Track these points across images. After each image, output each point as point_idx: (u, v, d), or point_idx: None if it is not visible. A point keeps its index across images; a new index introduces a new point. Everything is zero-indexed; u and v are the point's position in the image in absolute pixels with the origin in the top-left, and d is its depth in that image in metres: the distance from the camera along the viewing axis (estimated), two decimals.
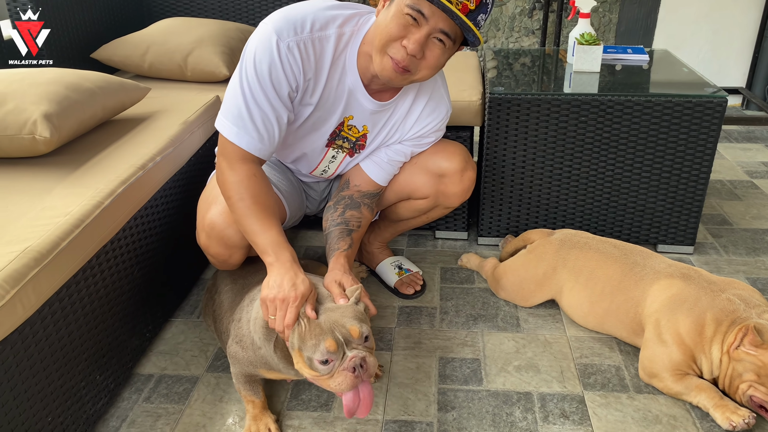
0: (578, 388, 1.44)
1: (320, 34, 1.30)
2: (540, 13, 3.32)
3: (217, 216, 1.39)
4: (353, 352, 1.13)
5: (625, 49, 2.27)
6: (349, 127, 1.46)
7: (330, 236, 1.52)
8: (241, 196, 1.28)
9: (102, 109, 1.62)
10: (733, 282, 1.44)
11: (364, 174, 1.58)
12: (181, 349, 1.59)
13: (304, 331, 1.14)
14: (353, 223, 1.55)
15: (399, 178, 1.63)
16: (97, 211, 1.27)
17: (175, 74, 2.17)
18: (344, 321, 1.15)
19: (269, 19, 1.28)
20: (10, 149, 1.43)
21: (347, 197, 1.58)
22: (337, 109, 1.41)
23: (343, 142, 1.50)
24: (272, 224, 1.28)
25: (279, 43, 1.25)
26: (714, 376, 1.36)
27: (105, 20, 2.40)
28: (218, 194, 1.40)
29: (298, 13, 1.29)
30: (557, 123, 1.82)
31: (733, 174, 2.57)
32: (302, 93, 1.33)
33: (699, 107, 1.75)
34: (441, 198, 1.65)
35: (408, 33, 1.23)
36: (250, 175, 1.30)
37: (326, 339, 1.12)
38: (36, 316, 1.09)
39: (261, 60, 1.26)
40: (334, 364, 1.13)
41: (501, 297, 1.76)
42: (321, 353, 1.12)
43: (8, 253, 1.07)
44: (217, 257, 1.45)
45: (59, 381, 1.17)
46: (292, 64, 1.27)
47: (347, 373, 1.12)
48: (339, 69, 1.35)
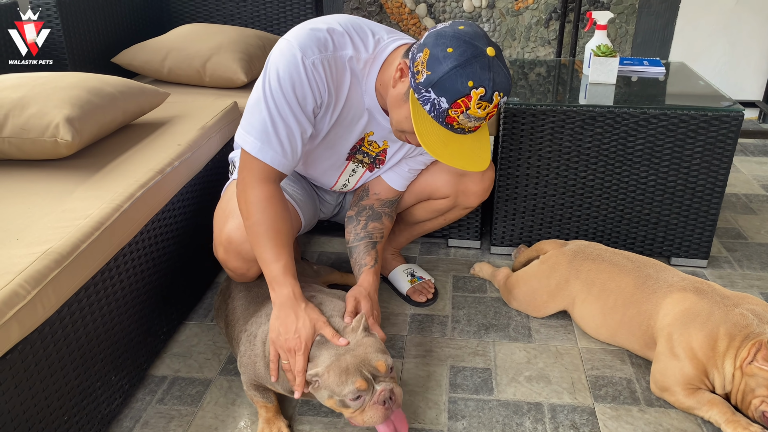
0: (589, 400, 1.44)
1: (342, 53, 1.30)
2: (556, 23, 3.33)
3: (234, 230, 1.40)
4: (381, 386, 1.17)
5: (641, 61, 2.27)
6: (370, 142, 1.48)
7: (356, 250, 1.55)
8: (258, 219, 1.29)
9: (122, 114, 1.65)
10: (747, 297, 1.43)
11: (383, 182, 1.60)
12: (195, 352, 1.61)
13: (330, 380, 1.17)
14: (376, 235, 1.58)
15: (419, 179, 1.65)
16: (117, 214, 1.29)
17: (194, 80, 2.20)
18: (370, 358, 1.18)
19: (292, 36, 1.29)
20: (32, 152, 1.46)
21: (368, 207, 1.60)
22: (357, 126, 1.43)
23: (364, 157, 1.52)
24: (282, 253, 1.30)
25: (304, 60, 1.26)
26: (726, 391, 1.36)
27: (126, 26, 2.44)
28: (235, 207, 1.42)
29: (320, 30, 1.29)
30: (572, 134, 1.82)
31: (749, 188, 2.56)
32: (325, 108, 1.35)
33: (715, 121, 1.75)
34: (461, 198, 1.66)
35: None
36: (270, 196, 1.31)
37: (356, 380, 1.15)
38: (55, 317, 1.11)
39: (286, 76, 1.26)
40: (365, 398, 1.16)
41: (513, 307, 1.77)
42: (352, 393, 1.15)
43: (30, 254, 1.09)
44: (236, 271, 1.46)
45: (76, 381, 1.19)
46: (318, 80, 1.28)
47: (378, 407, 1.17)
48: (357, 91, 1.36)
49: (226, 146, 1.88)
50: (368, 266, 1.50)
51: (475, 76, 1.14)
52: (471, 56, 1.14)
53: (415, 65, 1.20)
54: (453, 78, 1.15)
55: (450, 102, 1.17)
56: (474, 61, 1.14)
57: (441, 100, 1.17)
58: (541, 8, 3.31)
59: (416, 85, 1.20)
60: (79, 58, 2.17)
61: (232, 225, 1.41)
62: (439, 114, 1.19)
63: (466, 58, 1.14)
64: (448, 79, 1.15)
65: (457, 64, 1.14)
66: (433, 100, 1.18)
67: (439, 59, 1.15)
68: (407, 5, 3.39)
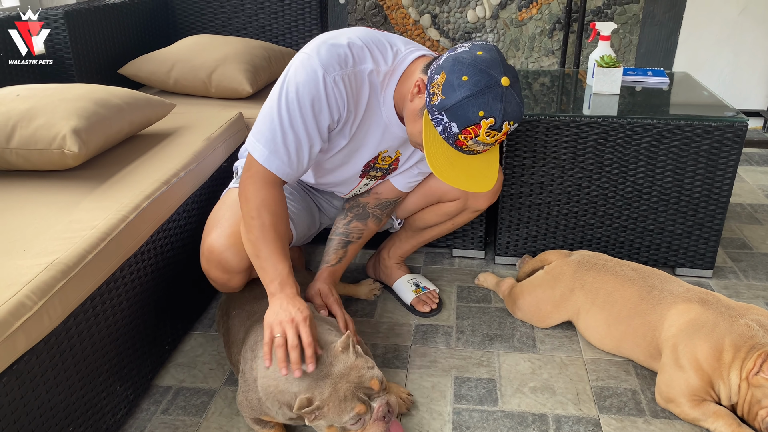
0: (594, 411, 1.43)
1: (361, 68, 1.32)
2: (560, 33, 3.34)
3: (215, 240, 1.41)
4: (377, 402, 1.18)
5: (645, 72, 2.28)
6: (383, 158, 1.50)
7: (329, 243, 1.63)
8: (261, 220, 1.30)
9: (128, 125, 1.66)
10: (752, 307, 1.43)
11: (390, 184, 1.62)
12: (199, 362, 1.61)
13: (331, 412, 1.16)
14: (353, 235, 1.62)
15: (429, 182, 1.66)
16: (122, 225, 1.30)
17: (200, 90, 2.22)
18: (363, 380, 1.18)
19: (312, 50, 1.29)
20: (39, 162, 1.47)
21: (361, 205, 1.63)
22: (372, 142, 1.44)
23: (377, 172, 1.55)
24: (284, 256, 1.31)
25: (326, 77, 1.27)
26: (732, 403, 1.35)
27: (132, 37, 2.46)
28: (220, 218, 1.43)
29: (340, 45, 1.30)
30: (576, 144, 1.82)
31: (754, 197, 2.55)
32: (343, 124, 1.36)
33: (719, 131, 1.75)
34: (471, 200, 1.68)
35: None
36: (276, 199, 1.33)
37: (355, 406, 1.16)
38: (61, 327, 1.12)
39: (305, 91, 1.27)
40: (365, 418, 1.17)
41: (517, 317, 1.76)
42: (353, 418, 1.16)
43: (37, 264, 1.10)
44: (217, 281, 1.47)
45: (81, 391, 1.20)
46: (338, 97, 1.29)
47: (378, 423, 1.18)
48: (375, 104, 1.37)
49: (231, 157, 1.89)
50: (328, 264, 1.59)
51: (486, 107, 1.18)
52: (484, 86, 1.18)
53: (432, 86, 1.23)
54: (465, 107, 1.19)
55: (460, 128, 1.21)
56: (487, 91, 1.18)
57: (452, 124, 1.22)
58: (545, 18, 3.32)
59: (431, 106, 1.24)
60: (86, 69, 2.19)
61: (214, 235, 1.42)
62: (449, 136, 1.24)
63: (480, 89, 1.18)
64: (461, 107, 1.19)
65: (470, 93, 1.18)
66: (445, 123, 1.23)
67: (453, 86, 1.20)
68: (412, 16, 3.40)
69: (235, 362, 1.39)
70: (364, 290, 1.88)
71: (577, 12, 3.25)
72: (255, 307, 1.43)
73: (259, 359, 1.26)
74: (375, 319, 1.78)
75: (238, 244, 1.40)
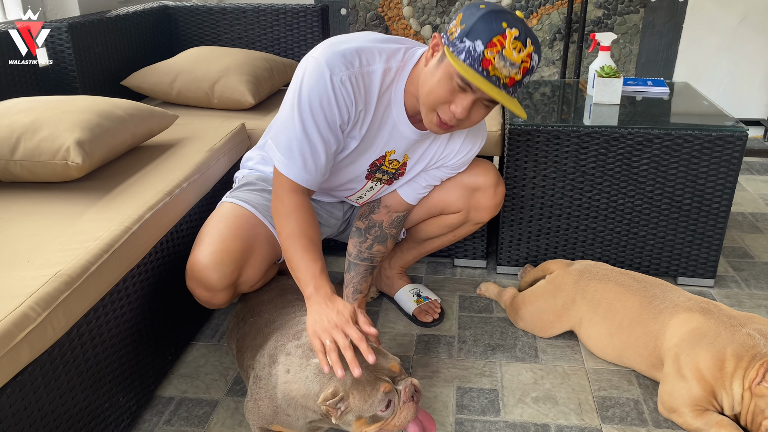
0: (596, 421, 1.43)
1: (368, 69, 1.33)
2: (560, 43, 3.36)
3: (198, 257, 1.41)
4: (403, 383, 1.17)
5: (645, 81, 2.29)
6: (390, 161, 1.50)
7: (354, 269, 1.62)
8: (290, 232, 1.33)
9: (132, 136, 1.67)
10: (754, 317, 1.43)
11: (398, 196, 1.62)
12: (202, 373, 1.61)
13: (356, 400, 1.15)
14: (377, 259, 1.64)
15: (432, 194, 1.66)
16: (126, 236, 1.30)
17: (202, 102, 2.23)
18: (382, 365, 1.18)
19: (319, 53, 1.31)
20: (43, 174, 1.48)
21: (377, 225, 1.63)
22: (380, 142, 1.44)
23: (383, 175, 1.54)
24: (316, 258, 1.32)
25: (333, 78, 1.28)
26: (735, 412, 1.35)
27: (135, 49, 2.48)
28: (206, 235, 1.44)
29: (346, 47, 1.31)
30: (577, 154, 1.83)
31: (755, 206, 2.55)
32: (352, 125, 1.37)
33: (719, 140, 1.76)
34: (473, 213, 1.68)
35: (455, 98, 1.25)
36: (298, 206, 1.35)
37: (381, 385, 1.15)
38: (65, 338, 1.12)
39: (313, 94, 1.28)
40: (394, 403, 1.16)
41: (519, 327, 1.76)
42: (382, 401, 1.15)
43: (41, 276, 1.11)
44: (201, 298, 1.47)
45: (84, 402, 1.20)
46: (345, 97, 1.30)
47: (409, 404, 1.17)
48: (385, 103, 1.38)
49: (233, 167, 1.90)
50: (362, 294, 1.61)
51: (508, 20, 1.17)
52: (502, 9, 1.20)
53: (449, 30, 1.23)
54: (487, 20, 1.17)
55: (485, 42, 1.17)
56: (506, 12, 1.19)
57: (476, 43, 1.17)
58: (545, 29, 3.34)
59: (451, 42, 1.21)
60: (90, 80, 2.20)
61: (196, 252, 1.42)
62: (474, 59, 1.18)
63: (499, 9, 1.19)
64: (482, 22, 1.17)
65: (490, 10, 1.18)
66: (469, 47, 1.18)
67: (472, 13, 1.19)
68: (412, 27, 3.42)
69: (247, 367, 1.39)
70: None
71: (577, 22, 3.27)
72: (274, 316, 1.43)
73: (280, 365, 1.26)
74: (377, 329, 1.78)
75: (221, 261, 1.40)
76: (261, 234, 1.48)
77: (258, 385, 1.30)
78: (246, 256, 1.45)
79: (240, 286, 1.48)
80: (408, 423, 1.18)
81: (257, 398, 1.29)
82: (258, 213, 1.50)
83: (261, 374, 1.30)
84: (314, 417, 1.22)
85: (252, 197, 1.53)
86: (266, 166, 1.62)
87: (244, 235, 1.46)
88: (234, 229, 1.45)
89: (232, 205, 1.51)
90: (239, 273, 1.44)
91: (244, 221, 1.48)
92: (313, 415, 1.21)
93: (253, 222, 1.49)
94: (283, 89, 2.50)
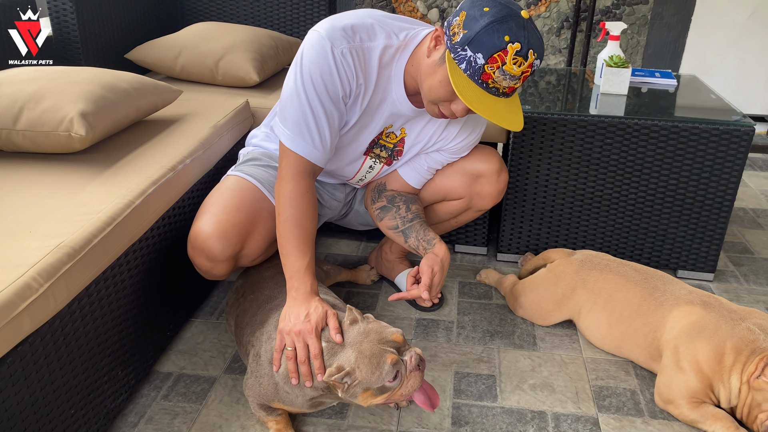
0: (593, 410, 1.44)
1: (369, 44, 1.33)
2: (568, 32, 3.33)
3: (202, 227, 1.40)
4: (407, 354, 1.17)
5: (653, 73, 2.27)
6: (388, 134, 1.50)
7: (412, 230, 1.57)
8: (288, 215, 1.33)
9: (135, 110, 1.66)
10: (754, 311, 1.43)
11: (401, 179, 1.61)
12: (200, 350, 1.61)
13: (363, 372, 1.15)
14: (421, 214, 1.61)
15: (435, 180, 1.66)
16: (128, 210, 1.30)
17: (206, 78, 2.21)
18: (385, 336, 1.18)
19: (320, 27, 1.31)
20: (46, 145, 1.47)
21: (397, 195, 1.62)
22: (380, 118, 1.44)
23: (381, 151, 1.53)
24: (306, 251, 1.32)
25: (333, 50, 1.28)
26: (732, 406, 1.36)
27: (140, 22, 2.45)
28: (210, 205, 1.43)
29: (347, 22, 1.32)
30: (582, 143, 1.82)
31: (757, 203, 2.55)
32: (354, 98, 1.37)
33: (726, 135, 1.75)
34: (475, 199, 1.67)
35: (456, 98, 1.26)
36: (303, 192, 1.34)
37: (387, 356, 1.14)
38: (66, 310, 1.12)
39: (315, 66, 1.29)
40: (401, 372, 1.16)
41: (518, 314, 1.77)
42: (389, 372, 1.14)
43: (43, 246, 1.10)
44: (201, 267, 1.46)
45: (83, 375, 1.20)
46: (347, 69, 1.30)
47: (416, 373, 1.17)
48: (385, 79, 1.38)
49: (237, 144, 1.89)
50: (437, 238, 1.52)
51: (511, 32, 1.16)
52: (507, 15, 1.17)
53: (452, 28, 1.22)
54: (489, 33, 1.16)
55: (486, 57, 1.18)
56: (510, 19, 1.17)
57: (477, 56, 1.18)
58: (553, 17, 3.31)
59: (452, 46, 1.21)
60: (93, 53, 2.18)
61: (201, 221, 1.41)
62: (475, 71, 1.20)
63: (503, 16, 1.16)
64: (485, 33, 1.16)
65: (493, 20, 1.16)
66: (470, 57, 1.19)
67: (476, 17, 1.17)
68: (419, 9, 3.39)
69: (246, 343, 1.39)
70: (362, 275, 1.92)
71: (585, 11, 3.25)
72: (275, 293, 1.43)
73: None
74: (376, 313, 1.78)
75: (224, 232, 1.40)
76: (265, 209, 1.48)
77: (258, 363, 1.30)
78: (250, 229, 1.44)
79: (241, 259, 1.48)
80: (416, 388, 1.18)
81: (258, 376, 1.29)
82: (263, 188, 1.49)
83: (261, 352, 1.30)
84: (314, 394, 1.22)
85: (257, 172, 1.52)
86: (271, 143, 1.61)
87: (249, 208, 1.45)
88: (239, 201, 1.44)
89: (237, 178, 1.50)
90: (242, 245, 1.44)
91: (249, 194, 1.47)
92: (313, 392, 1.22)
93: (258, 196, 1.48)
94: (288, 68, 2.47)
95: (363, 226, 1.87)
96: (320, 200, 1.70)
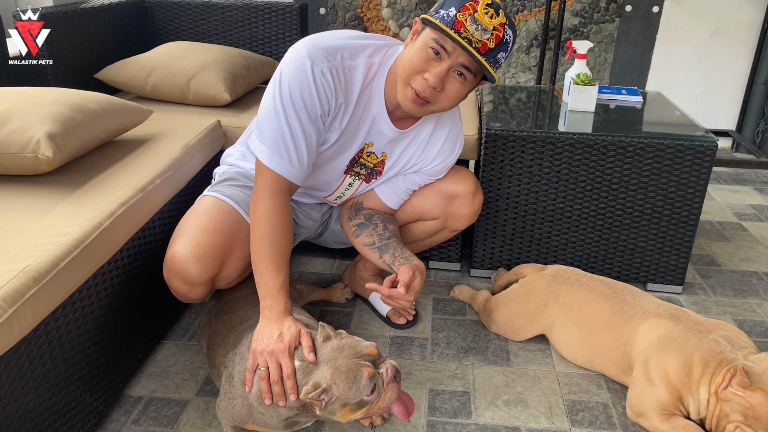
0: (566, 425, 1.45)
1: (350, 63, 1.35)
2: (537, 50, 3.39)
3: (178, 250, 1.38)
4: (383, 366, 1.18)
5: (619, 90, 2.32)
6: (368, 153, 1.50)
7: (389, 247, 1.56)
8: (263, 233, 1.32)
9: (104, 131, 1.64)
10: (720, 323, 1.46)
11: (378, 199, 1.62)
12: (172, 372, 1.59)
13: (340, 388, 1.14)
14: (397, 233, 1.61)
15: (411, 200, 1.67)
16: (97, 233, 1.28)
17: (178, 97, 2.20)
18: (359, 350, 1.18)
19: (301, 45, 1.32)
20: (12, 167, 1.45)
21: (374, 213, 1.63)
22: (359, 137, 1.45)
23: (361, 169, 1.54)
24: (280, 270, 1.32)
25: (314, 68, 1.29)
26: (701, 417, 1.38)
27: (110, 42, 2.44)
28: (187, 227, 1.41)
29: (329, 41, 1.33)
30: (552, 160, 1.85)
31: (722, 216, 2.61)
32: (332, 117, 1.37)
33: (690, 150, 1.80)
34: (450, 220, 1.68)
35: (430, 66, 1.28)
36: (279, 210, 1.34)
37: (362, 371, 1.14)
38: (31, 335, 1.10)
39: (294, 84, 1.30)
40: (378, 385, 1.15)
41: (492, 330, 1.78)
42: (366, 386, 1.14)
43: (7, 271, 1.08)
44: (178, 291, 1.44)
45: (50, 401, 1.17)
46: (326, 87, 1.31)
47: (393, 384, 1.17)
48: (366, 97, 1.39)
49: (208, 164, 1.88)
50: (414, 257, 1.51)
51: None
52: None
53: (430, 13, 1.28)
54: None
55: (458, 7, 1.24)
56: None
57: (450, 10, 1.24)
58: (522, 35, 3.37)
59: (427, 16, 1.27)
60: (62, 73, 2.16)
61: (177, 245, 1.39)
62: (448, 22, 1.24)
63: None
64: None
65: None
66: (443, 14, 1.25)
67: None
68: (391, 29, 3.43)
69: (219, 365, 1.37)
70: (336, 294, 1.92)
71: (554, 29, 3.31)
72: (248, 313, 1.42)
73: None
74: (351, 330, 1.78)
75: (202, 255, 1.38)
76: (243, 231, 1.46)
77: (231, 384, 1.28)
78: (228, 252, 1.43)
79: (218, 282, 1.46)
80: (393, 400, 1.18)
81: (231, 397, 1.28)
82: (240, 209, 1.48)
83: (234, 373, 1.29)
84: (289, 413, 1.21)
85: (234, 192, 1.51)
86: (247, 162, 1.60)
87: (227, 231, 1.43)
88: (216, 223, 1.43)
89: (214, 199, 1.49)
90: (220, 268, 1.42)
91: (227, 216, 1.45)
92: (287, 411, 1.21)
93: (236, 218, 1.46)
94: (260, 87, 2.48)
95: (338, 244, 1.87)
96: (296, 220, 1.70)
